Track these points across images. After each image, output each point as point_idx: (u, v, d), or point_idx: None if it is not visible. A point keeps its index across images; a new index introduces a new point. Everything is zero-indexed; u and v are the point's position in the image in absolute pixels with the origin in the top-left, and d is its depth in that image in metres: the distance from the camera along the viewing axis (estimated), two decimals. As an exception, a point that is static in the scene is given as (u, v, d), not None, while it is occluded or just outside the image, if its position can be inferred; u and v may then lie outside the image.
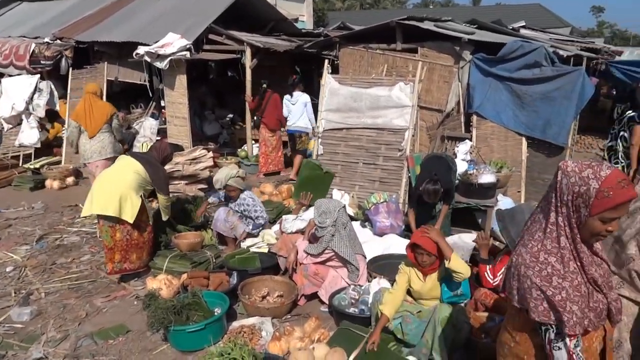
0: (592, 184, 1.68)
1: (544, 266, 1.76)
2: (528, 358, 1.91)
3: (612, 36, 43.74)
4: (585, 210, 1.70)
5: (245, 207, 5.34)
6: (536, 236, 1.82)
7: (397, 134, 6.24)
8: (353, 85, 6.53)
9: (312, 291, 4.38)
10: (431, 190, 4.82)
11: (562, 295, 1.72)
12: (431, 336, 3.32)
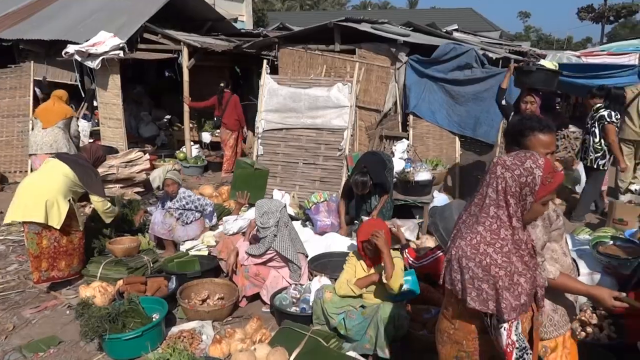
0: (537, 172, 1.83)
1: (483, 257, 1.85)
2: (466, 342, 2.01)
3: (538, 40, 46.27)
4: (531, 197, 1.85)
5: (187, 199, 5.25)
6: (474, 229, 1.90)
7: (336, 133, 6.33)
8: (292, 85, 6.55)
9: (254, 292, 4.36)
10: (359, 181, 5.03)
11: (499, 284, 1.82)
12: (374, 333, 3.39)
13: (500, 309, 1.83)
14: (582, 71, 10.50)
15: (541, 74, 5.03)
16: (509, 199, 1.85)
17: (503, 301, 1.82)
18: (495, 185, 1.87)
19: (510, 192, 1.85)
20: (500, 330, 1.84)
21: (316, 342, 3.51)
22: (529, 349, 1.87)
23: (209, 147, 10.45)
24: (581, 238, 5.15)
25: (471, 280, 1.86)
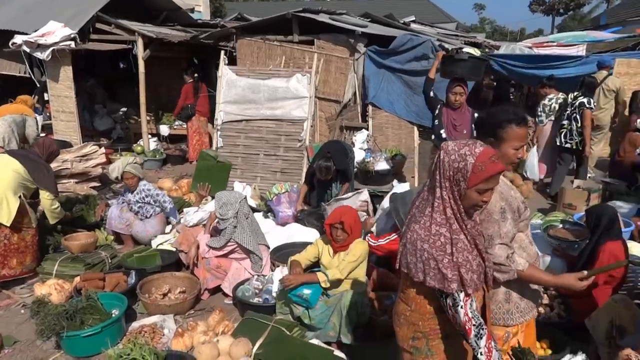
0: (469, 159, 1.90)
1: (436, 237, 1.92)
2: (422, 323, 2.07)
3: (493, 32, 47.39)
4: (464, 183, 1.92)
5: (146, 192, 5.14)
6: (426, 211, 1.98)
7: (296, 124, 6.33)
8: (251, 76, 6.51)
9: (216, 284, 4.35)
10: (323, 166, 5.09)
11: (453, 260, 1.91)
12: (338, 320, 3.45)
13: (458, 284, 1.90)
14: (534, 62, 10.84)
15: (467, 63, 4.79)
16: (445, 183, 1.94)
17: (455, 278, 1.90)
18: (439, 168, 1.96)
19: (446, 175, 1.94)
20: (458, 309, 1.91)
21: (279, 331, 3.54)
22: (484, 325, 1.95)
23: (167, 140, 10.26)
24: (533, 222, 5.36)
25: (428, 262, 1.93)
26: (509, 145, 2.36)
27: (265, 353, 3.31)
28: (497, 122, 2.37)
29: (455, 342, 2.07)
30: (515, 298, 2.42)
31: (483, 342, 1.92)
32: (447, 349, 2.08)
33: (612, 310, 3.29)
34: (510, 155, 2.37)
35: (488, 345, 1.93)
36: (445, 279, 1.90)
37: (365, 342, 3.65)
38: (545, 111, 7.55)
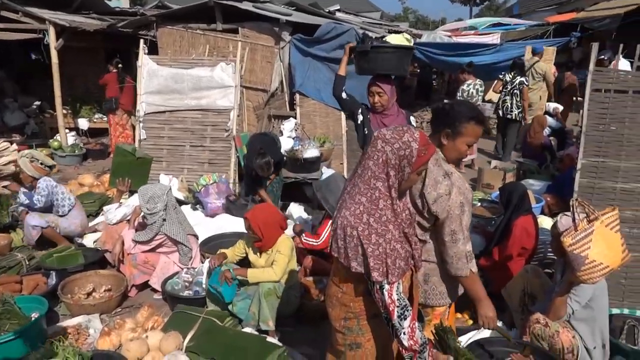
0: (413, 145, 1.97)
1: (365, 226, 1.97)
2: (353, 304, 2.14)
3: (416, 21, 48.65)
4: (408, 168, 1.99)
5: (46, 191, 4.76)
6: (357, 199, 2.01)
7: (223, 114, 6.24)
8: (173, 66, 6.32)
9: (143, 280, 4.23)
10: (263, 163, 5.05)
11: (379, 250, 1.96)
12: (257, 309, 3.47)
13: (382, 274, 1.97)
14: (453, 50, 11.33)
15: (385, 54, 3.64)
16: (389, 171, 1.98)
17: (383, 266, 1.96)
18: (377, 159, 1.99)
19: (390, 164, 1.98)
20: (383, 291, 1.99)
21: (211, 322, 3.51)
22: (409, 306, 2.03)
23: (87, 134, 9.76)
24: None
25: (355, 248, 1.99)
26: (464, 140, 2.44)
27: (197, 345, 3.28)
28: (459, 116, 2.41)
29: (384, 321, 2.16)
30: (435, 281, 2.52)
31: (407, 323, 2.01)
32: (376, 327, 2.16)
33: (524, 279, 3.55)
34: (462, 150, 2.47)
35: (412, 325, 2.02)
36: (368, 266, 1.96)
37: (299, 327, 3.72)
38: (464, 96, 7.92)
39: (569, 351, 2.97)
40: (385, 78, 3.62)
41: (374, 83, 3.60)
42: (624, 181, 3.75)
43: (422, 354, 2.05)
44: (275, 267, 3.53)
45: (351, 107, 3.77)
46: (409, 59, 3.76)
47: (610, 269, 2.82)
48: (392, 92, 3.62)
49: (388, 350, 2.28)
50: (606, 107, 3.86)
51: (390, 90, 3.60)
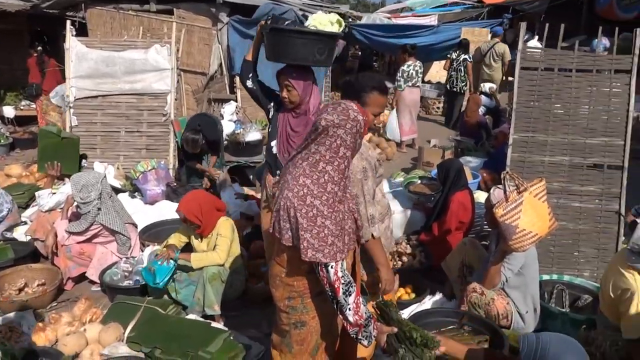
0: (360, 118, 2.00)
1: (309, 208, 1.96)
2: (297, 283, 2.13)
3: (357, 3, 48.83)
4: (360, 139, 2.04)
5: None
6: (300, 181, 1.99)
7: (159, 98, 6.04)
8: (104, 48, 6.02)
9: (80, 272, 4.06)
10: (190, 138, 4.95)
11: (325, 232, 1.95)
12: (202, 294, 3.42)
13: (327, 255, 1.96)
14: (393, 31, 11.47)
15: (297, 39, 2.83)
16: (345, 152, 1.99)
17: (327, 247, 1.96)
18: (329, 144, 1.97)
19: (346, 145, 1.99)
20: (328, 269, 1.99)
21: (153, 311, 3.43)
22: (353, 283, 2.05)
23: (13, 123, 9.19)
24: (396, 181, 5.75)
25: (297, 231, 1.97)
26: (370, 110, 2.48)
27: (139, 335, 3.19)
28: (363, 87, 2.47)
29: (327, 298, 2.17)
30: None
31: (351, 299, 2.02)
32: (320, 304, 2.17)
33: (462, 252, 3.68)
34: (370, 119, 2.48)
35: (356, 301, 2.04)
36: (311, 248, 1.95)
37: (245, 310, 3.70)
38: (404, 77, 8.03)
39: (503, 317, 3.12)
40: (298, 70, 2.92)
41: (282, 73, 2.94)
42: (551, 154, 3.94)
43: (367, 327, 2.08)
44: (218, 251, 3.48)
45: (261, 99, 3.21)
46: (330, 47, 2.93)
47: (539, 237, 2.98)
48: (305, 88, 2.92)
49: (333, 326, 2.31)
50: (534, 84, 4.02)
51: (302, 86, 2.91)
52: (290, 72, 2.91)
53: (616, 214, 3.84)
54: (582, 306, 3.53)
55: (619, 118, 3.90)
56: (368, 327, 2.08)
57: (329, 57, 2.92)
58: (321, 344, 2.26)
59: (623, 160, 3.84)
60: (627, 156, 3.84)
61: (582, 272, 3.83)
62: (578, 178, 3.90)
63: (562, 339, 1.80)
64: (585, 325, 3.07)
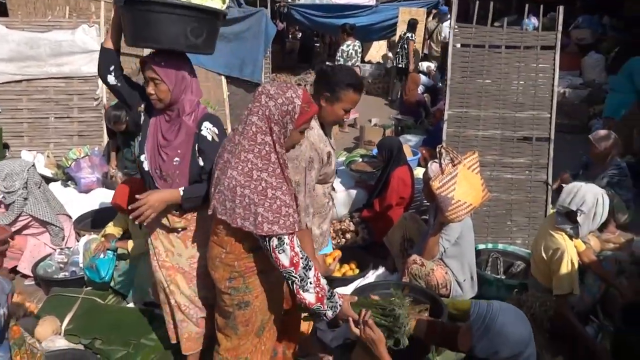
0: (296, 102, 1.97)
1: (258, 182, 1.93)
2: (238, 263, 2.10)
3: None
4: (291, 125, 1.98)
5: None
6: (242, 157, 1.96)
7: (89, 82, 5.76)
8: (26, 29, 5.65)
9: (11, 266, 3.85)
10: (112, 115, 4.69)
11: (277, 203, 1.94)
12: (142, 281, 3.33)
13: (282, 226, 1.94)
14: (331, 11, 11.45)
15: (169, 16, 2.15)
16: (272, 126, 1.97)
17: (282, 217, 1.94)
18: (261, 114, 1.96)
19: (273, 119, 1.96)
20: (284, 247, 1.95)
21: (91, 302, 3.34)
22: (310, 258, 2.04)
23: None
24: (339, 160, 5.80)
25: (248, 207, 1.93)
26: (342, 105, 2.47)
27: (77, 327, 3.09)
28: (338, 81, 2.42)
29: (270, 276, 2.16)
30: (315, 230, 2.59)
31: (312, 273, 2.01)
32: (263, 283, 2.16)
33: (402, 226, 3.78)
34: (339, 114, 2.50)
35: (317, 275, 2.03)
36: (266, 222, 1.92)
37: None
38: (343, 56, 8.06)
39: (442, 286, 3.24)
40: (168, 57, 2.27)
41: (147, 62, 2.28)
42: (484, 129, 4.10)
43: (332, 298, 2.07)
44: None
45: (127, 98, 2.43)
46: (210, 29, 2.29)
47: (473, 207, 3.10)
48: (178, 81, 2.28)
49: (278, 303, 2.30)
50: (467, 61, 4.15)
51: (173, 78, 2.26)
52: (156, 59, 2.26)
53: (544, 184, 4.05)
54: (515, 272, 3.73)
55: (546, 93, 4.09)
56: (333, 298, 2.07)
57: (208, 41, 2.29)
58: (267, 323, 2.26)
59: (550, 133, 4.04)
60: (553, 129, 4.05)
61: (514, 240, 4.04)
62: (509, 151, 4.07)
63: (511, 309, 1.88)
64: (517, 289, 3.25)
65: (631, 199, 4.55)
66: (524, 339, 1.80)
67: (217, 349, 2.30)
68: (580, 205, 2.89)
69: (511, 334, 1.79)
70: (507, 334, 1.79)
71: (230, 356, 2.26)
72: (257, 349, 2.29)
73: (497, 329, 1.79)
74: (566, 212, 2.96)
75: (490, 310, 1.83)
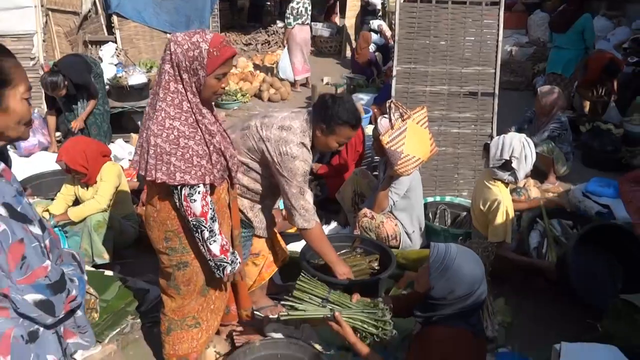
0: (203, 46, 1.88)
1: (170, 131, 1.90)
2: (170, 222, 2.08)
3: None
4: (202, 71, 1.90)
5: None
6: (157, 107, 1.93)
7: (24, 40, 5.43)
8: (-50, -17, 5.24)
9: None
10: (48, 81, 4.46)
11: (190, 152, 1.92)
12: (88, 244, 3.26)
13: (194, 176, 1.92)
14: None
15: None
16: (182, 73, 1.91)
17: (194, 167, 1.92)
18: (170, 61, 1.92)
19: (182, 67, 1.90)
20: (196, 196, 1.95)
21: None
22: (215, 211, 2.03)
23: None
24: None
25: (160, 157, 1.91)
26: (336, 139, 2.50)
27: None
28: (337, 116, 2.42)
29: None
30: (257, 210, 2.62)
31: (217, 225, 2.03)
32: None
33: (354, 181, 3.84)
34: (331, 146, 2.53)
35: (221, 230, 2.06)
36: (178, 171, 1.91)
37: (141, 257, 3.60)
38: (293, 14, 7.89)
39: (392, 237, 3.35)
40: None
41: None
42: (432, 84, 4.17)
43: (233, 254, 2.12)
44: (97, 197, 3.31)
45: None
46: None
47: (422, 161, 3.19)
48: None
49: None
50: (414, 16, 4.16)
51: None
52: None
53: (489, 137, 4.19)
54: (461, 222, 3.89)
55: (491, 49, 4.18)
56: (234, 254, 2.14)
57: None
58: (211, 282, 2.25)
59: (494, 88, 4.16)
60: (497, 84, 4.17)
61: (461, 192, 4.19)
62: (456, 106, 4.17)
63: (466, 251, 1.96)
64: (462, 237, 3.40)
65: (571, 151, 4.79)
66: (478, 277, 1.90)
67: (163, 310, 2.31)
68: (511, 152, 3.03)
69: (467, 273, 1.87)
70: (463, 273, 1.87)
71: (177, 317, 2.28)
72: (205, 307, 2.31)
73: (455, 268, 1.87)
74: (502, 164, 3.08)
75: (449, 251, 1.90)
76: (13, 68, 1.30)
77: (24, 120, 1.33)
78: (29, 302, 1.26)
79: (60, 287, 1.32)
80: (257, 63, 9.42)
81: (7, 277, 1.21)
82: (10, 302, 1.26)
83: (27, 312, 1.28)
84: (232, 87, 7.42)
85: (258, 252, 2.69)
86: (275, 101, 7.67)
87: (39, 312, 1.29)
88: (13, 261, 1.21)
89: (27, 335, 1.30)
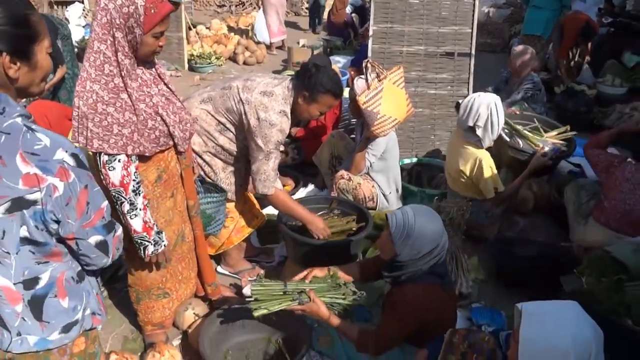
0: (139, 2, 1.75)
1: (90, 94, 1.79)
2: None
3: None
4: (139, 29, 1.77)
5: None
6: (85, 67, 1.81)
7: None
8: None
9: None
10: None
11: (108, 120, 1.79)
12: None
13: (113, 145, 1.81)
14: None
15: None
16: (115, 32, 1.77)
17: (113, 136, 1.81)
18: (100, 19, 1.77)
19: (115, 24, 1.76)
20: (115, 164, 1.83)
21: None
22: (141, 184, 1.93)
23: None
24: (267, 82, 5.67)
25: (81, 120, 1.81)
26: (317, 107, 2.50)
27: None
28: (319, 85, 2.42)
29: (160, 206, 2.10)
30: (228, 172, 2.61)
31: (140, 199, 1.93)
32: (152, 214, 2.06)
33: (331, 144, 3.83)
34: (313, 114, 2.55)
35: (145, 203, 1.95)
36: (96, 137, 1.80)
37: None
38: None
39: (369, 199, 3.37)
40: None
41: None
42: (408, 44, 4.11)
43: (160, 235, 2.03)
44: None
45: None
46: None
47: (398, 122, 3.18)
48: None
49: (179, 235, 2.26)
50: (391, -26, 4.07)
51: None
52: None
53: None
54: (437, 183, 3.92)
55: (467, 7, 4.13)
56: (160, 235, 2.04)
57: None
58: (171, 252, 2.19)
59: (471, 48, 4.13)
60: (474, 44, 4.14)
61: (437, 153, 4.21)
62: (432, 66, 4.14)
63: (422, 209, 1.98)
64: (438, 197, 3.43)
65: (544, 112, 4.83)
66: (439, 231, 1.94)
67: (129, 283, 2.31)
68: (476, 120, 3.02)
69: (429, 232, 1.91)
70: (425, 233, 1.90)
71: (142, 288, 2.28)
72: (170, 278, 2.30)
73: (417, 232, 1.89)
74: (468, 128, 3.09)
75: (407, 217, 1.91)
76: (39, 22, 1.23)
77: (47, 76, 1.29)
78: (92, 244, 1.30)
79: (111, 226, 1.35)
80: (231, 25, 9.19)
81: (74, 222, 1.23)
82: (68, 247, 1.29)
83: (88, 254, 1.31)
84: (206, 50, 7.25)
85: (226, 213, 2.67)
86: (250, 64, 7.53)
87: (98, 253, 1.33)
88: (79, 208, 1.23)
89: (77, 275, 1.35)
